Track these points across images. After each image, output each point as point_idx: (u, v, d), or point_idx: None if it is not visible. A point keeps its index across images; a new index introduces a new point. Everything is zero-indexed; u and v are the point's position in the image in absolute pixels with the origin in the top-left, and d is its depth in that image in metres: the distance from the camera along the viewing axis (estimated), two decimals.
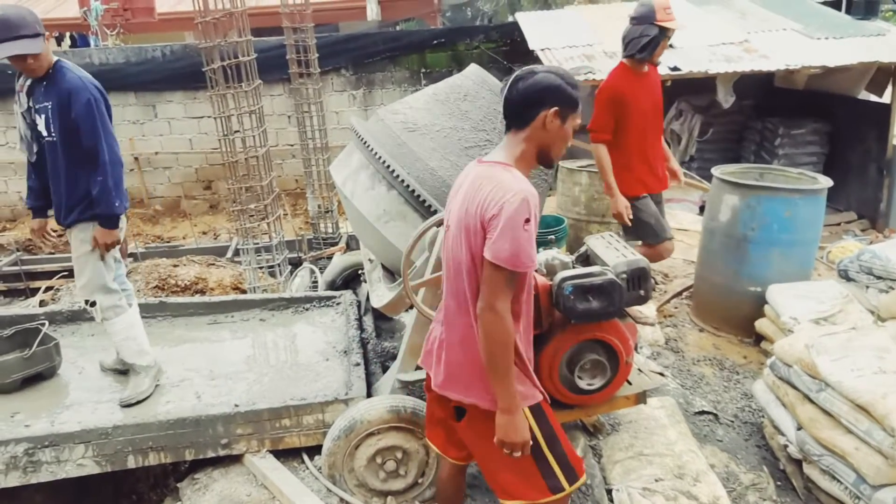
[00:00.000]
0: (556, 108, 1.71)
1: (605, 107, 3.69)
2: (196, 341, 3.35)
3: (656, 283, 4.93)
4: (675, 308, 4.52)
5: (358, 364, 2.87)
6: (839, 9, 8.60)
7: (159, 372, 2.94)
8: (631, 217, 3.74)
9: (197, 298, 3.93)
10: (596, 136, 3.74)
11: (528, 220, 1.63)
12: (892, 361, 2.61)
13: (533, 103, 1.72)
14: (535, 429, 1.81)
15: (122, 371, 2.98)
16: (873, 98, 6.69)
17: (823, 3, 8.64)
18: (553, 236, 2.84)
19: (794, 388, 2.81)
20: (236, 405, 2.53)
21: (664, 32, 3.61)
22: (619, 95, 3.67)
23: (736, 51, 6.55)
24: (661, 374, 3.61)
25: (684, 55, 6.61)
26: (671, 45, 6.89)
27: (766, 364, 3.12)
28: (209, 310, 3.59)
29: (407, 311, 3.11)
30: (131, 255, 5.93)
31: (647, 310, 4.13)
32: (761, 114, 7.53)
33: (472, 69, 2.95)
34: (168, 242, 7.55)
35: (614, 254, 2.38)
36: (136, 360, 2.85)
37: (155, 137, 8.51)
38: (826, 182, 3.81)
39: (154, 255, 6.26)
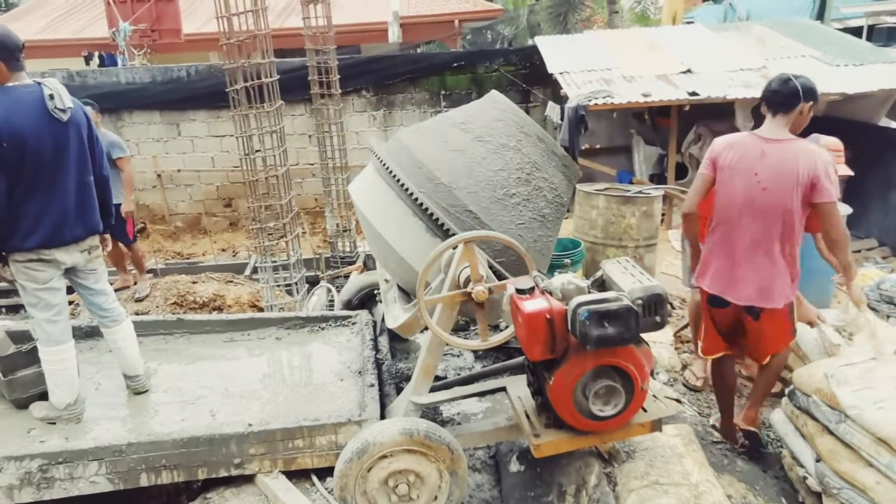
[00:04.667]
0: (810, 102, 2.79)
1: None
2: (212, 359, 3.38)
3: (673, 309, 4.89)
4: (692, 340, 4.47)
5: (372, 385, 2.87)
6: (860, 36, 8.57)
7: (74, 414, 2.82)
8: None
9: (214, 316, 3.97)
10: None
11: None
12: None
13: (797, 97, 2.77)
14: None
15: (133, 388, 3.01)
16: (894, 125, 6.62)
17: (843, 30, 8.62)
18: (569, 259, 2.84)
19: (814, 418, 2.76)
20: (250, 424, 2.54)
21: None
22: None
23: (754, 77, 6.55)
24: (678, 401, 3.57)
25: (703, 80, 6.63)
26: (689, 70, 6.94)
27: (784, 392, 3.07)
28: (226, 327, 3.62)
29: (422, 332, 3.11)
30: (150, 271, 6.02)
31: (664, 335, 4.09)
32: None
33: (497, 98, 2.97)
34: (188, 259, 7.66)
35: (630, 279, 2.37)
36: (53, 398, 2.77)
37: (178, 155, 8.69)
38: (845, 209, 3.77)
39: (174, 271, 6.35)
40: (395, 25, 11.65)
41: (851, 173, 3.46)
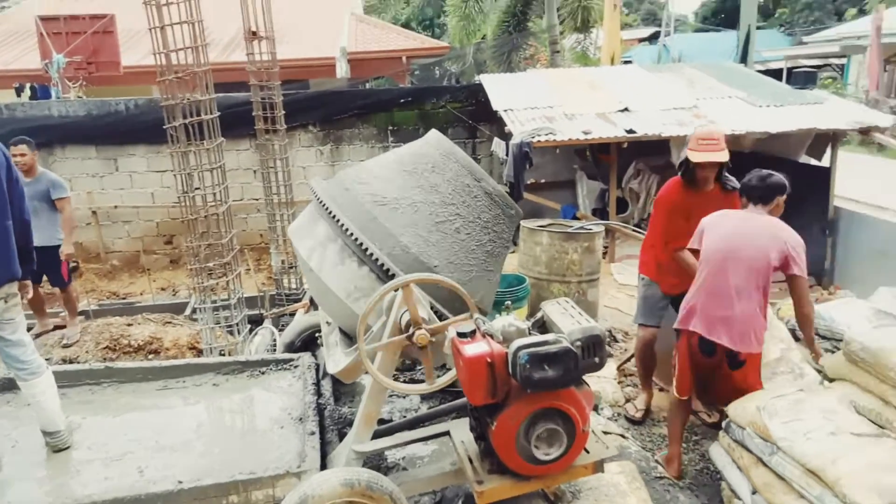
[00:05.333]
0: (784, 196, 3.18)
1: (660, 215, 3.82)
2: (143, 409, 3.21)
3: (615, 341, 4.98)
4: (636, 367, 4.55)
5: (313, 433, 2.79)
6: (780, 78, 9.14)
7: None
8: None
9: (146, 363, 3.80)
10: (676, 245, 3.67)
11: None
12: (840, 423, 2.66)
13: (776, 191, 3.17)
14: None
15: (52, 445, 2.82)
16: (814, 161, 7.04)
17: (765, 72, 9.18)
18: (509, 302, 2.85)
19: (749, 450, 2.83)
20: (180, 481, 2.41)
21: (696, 160, 3.55)
22: (669, 205, 3.77)
23: (687, 115, 6.87)
24: (622, 436, 3.61)
25: (640, 119, 6.91)
26: (626, 109, 7.22)
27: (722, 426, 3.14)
28: (159, 375, 3.46)
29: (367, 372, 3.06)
30: (82, 312, 5.73)
31: (607, 369, 4.15)
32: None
33: (436, 137, 3.00)
34: (124, 299, 7.34)
35: (569, 321, 2.40)
36: None
37: (115, 191, 8.40)
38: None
39: (108, 312, 6.06)
40: (342, 61, 11.71)
41: (717, 159, 3.57)
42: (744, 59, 11.24)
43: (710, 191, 3.75)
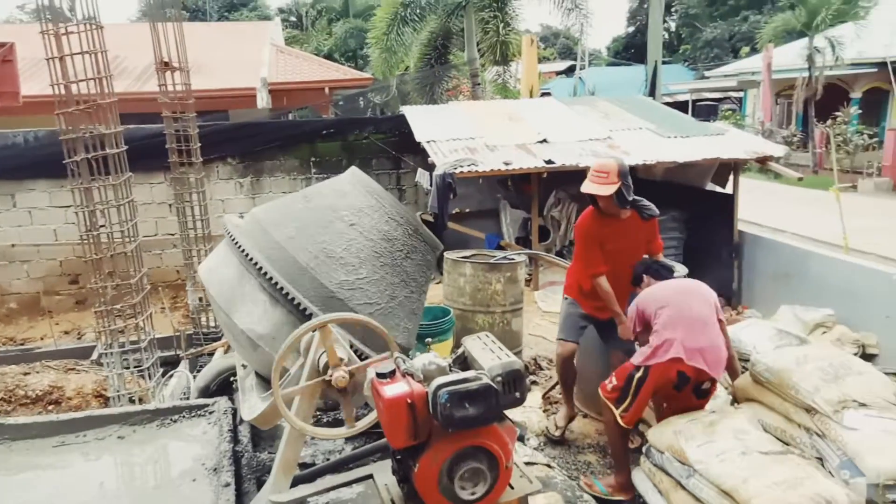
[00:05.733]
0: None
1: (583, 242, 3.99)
2: (37, 469, 2.93)
3: (540, 369, 5.04)
4: (560, 394, 4.62)
5: (228, 484, 2.63)
6: (685, 110, 9.75)
7: None
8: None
9: (40, 417, 3.49)
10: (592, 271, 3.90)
11: None
12: (750, 443, 2.78)
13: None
14: None
15: None
16: (719, 189, 7.51)
17: (671, 104, 9.77)
18: (429, 339, 2.82)
19: (668, 474, 2.91)
20: None
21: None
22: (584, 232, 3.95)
23: (601, 146, 7.18)
24: (548, 466, 3.62)
25: (558, 149, 7.16)
26: (545, 140, 7.46)
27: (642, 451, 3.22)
28: (56, 429, 3.17)
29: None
30: None
31: (532, 398, 4.18)
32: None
33: (354, 173, 2.97)
34: (22, 345, 6.78)
35: (490, 356, 2.40)
36: None
37: (12, 228, 7.82)
38: (682, 270, 4.15)
39: (3, 361, 5.57)
40: (263, 92, 11.53)
41: (601, 192, 3.78)
42: (652, 91, 11.92)
43: (626, 219, 3.90)
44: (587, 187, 3.78)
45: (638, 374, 3.23)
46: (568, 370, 4.01)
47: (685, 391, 3.23)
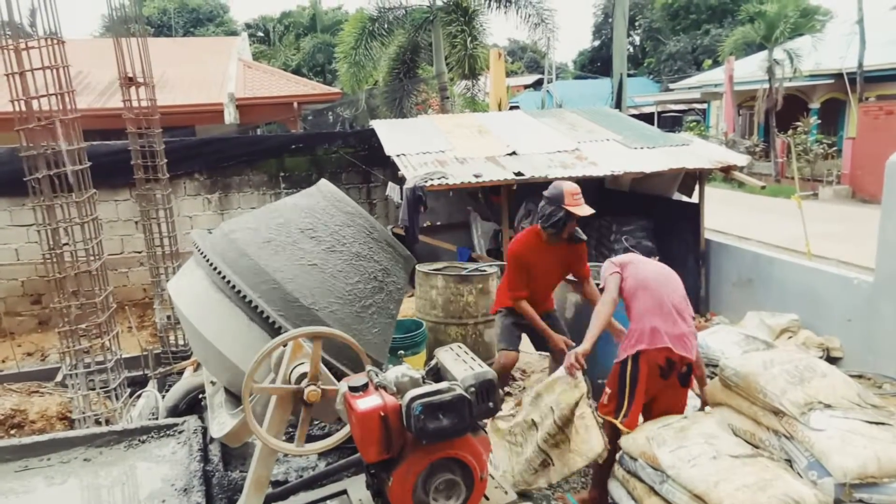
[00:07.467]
0: None
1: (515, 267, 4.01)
2: None
3: (514, 380, 5.06)
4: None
5: None
6: (651, 122, 9.96)
7: None
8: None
9: (2, 442, 3.37)
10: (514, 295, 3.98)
11: None
12: (721, 447, 2.83)
13: None
14: None
15: None
16: (685, 198, 7.67)
17: (637, 116, 9.97)
18: (402, 352, 2.82)
19: (641, 481, 2.93)
20: None
21: (570, 216, 3.82)
22: (518, 256, 3.97)
23: (570, 158, 7.27)
24: None
25: (527, 161, 7.23)
26: (514, 152, 7.54)
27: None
28: (18, 454, 3.07)
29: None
30: None
31: (507, 407, 4.19)
32: (597, 213, 8.31)
33: (326, 186, 2.96)
34: None
35: (462, 367, 2.40)
36: None
37: None
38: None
39: None
40: (230, 107, 11.42)
41: (592, 211, 3.93)
42: (618, 104, 12.15)
43: (558, 244, 3.99)
44: (583, 210, 3.84)
45: (628, 366, 3.23)
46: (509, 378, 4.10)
47: (671, 378, 3.26)
